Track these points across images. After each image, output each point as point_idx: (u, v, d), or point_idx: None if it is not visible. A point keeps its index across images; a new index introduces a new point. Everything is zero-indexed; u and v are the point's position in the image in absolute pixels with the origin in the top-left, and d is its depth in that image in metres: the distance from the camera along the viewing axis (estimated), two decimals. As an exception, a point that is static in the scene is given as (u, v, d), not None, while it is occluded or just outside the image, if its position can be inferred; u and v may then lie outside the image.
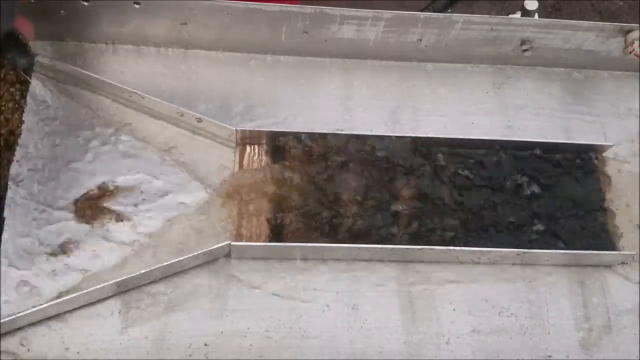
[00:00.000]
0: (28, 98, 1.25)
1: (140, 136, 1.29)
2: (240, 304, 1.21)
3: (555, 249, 1.27)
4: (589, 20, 1.39)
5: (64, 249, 1.19)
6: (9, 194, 1.19)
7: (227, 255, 1.23)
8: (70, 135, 1.27)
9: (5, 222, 1.17)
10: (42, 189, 1.22)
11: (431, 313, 1.25)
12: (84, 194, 1.23)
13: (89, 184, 1.24)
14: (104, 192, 1.24)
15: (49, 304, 1.12)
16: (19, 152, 1.22)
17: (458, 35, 1.37)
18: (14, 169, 1.21)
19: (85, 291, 1.13)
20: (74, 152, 1.26)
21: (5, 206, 1.18)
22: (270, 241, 1.23)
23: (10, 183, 1.20)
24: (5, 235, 1.17)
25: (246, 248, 1.22)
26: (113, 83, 1.27)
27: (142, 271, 1.16)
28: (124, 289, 1.18)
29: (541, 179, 1.33)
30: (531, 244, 1.28)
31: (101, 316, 1.17)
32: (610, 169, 1.37)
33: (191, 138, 1.30)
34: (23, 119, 1.24)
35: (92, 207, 1.22)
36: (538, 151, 1.35)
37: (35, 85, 1.27)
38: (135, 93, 1.26)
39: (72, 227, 1.20)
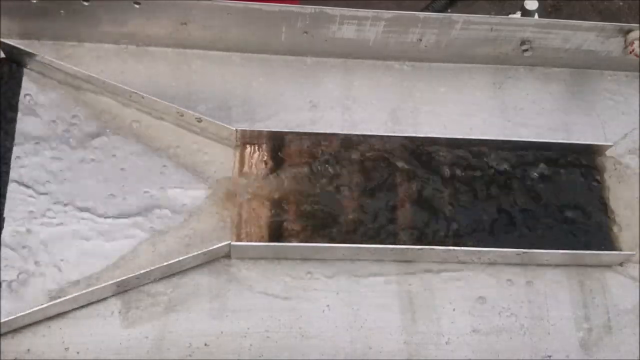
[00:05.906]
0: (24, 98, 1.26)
1: (140, 136, 1.29)
2: (240, 304, 1.21)
3: (556, 249, 1.27)
4: (589, 20, 1.38)
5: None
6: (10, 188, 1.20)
7: (227, 255, 1.23)
8: (70, 135, 1.27)
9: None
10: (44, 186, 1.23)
11: (431, 313, 1.25)
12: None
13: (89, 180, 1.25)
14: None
15: (49, 304, 1.12)
16: (17, 150, 1.23)
17: (458, 35, 1.37)
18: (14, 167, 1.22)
19: (85, 291, 1.14)
20: (74, 151, 1.26)
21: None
22: (270, 241, 1.23)
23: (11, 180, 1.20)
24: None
25: (246, 248, 1.22)
26: (113, 83, 1.27)
27: (142, 271, 1.16)
28: (124, 289, 1.18)
29: (541, 179, 1.33)
30: (531, 244, 1.28)
31: (101, 316, 1.17)
32: (610, 169, 1.37)
33: (191, 138, 1.30)
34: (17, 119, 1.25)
35: None
36: (538, 151, 1.35)
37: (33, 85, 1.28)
38: (135, 93, 1.26)
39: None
